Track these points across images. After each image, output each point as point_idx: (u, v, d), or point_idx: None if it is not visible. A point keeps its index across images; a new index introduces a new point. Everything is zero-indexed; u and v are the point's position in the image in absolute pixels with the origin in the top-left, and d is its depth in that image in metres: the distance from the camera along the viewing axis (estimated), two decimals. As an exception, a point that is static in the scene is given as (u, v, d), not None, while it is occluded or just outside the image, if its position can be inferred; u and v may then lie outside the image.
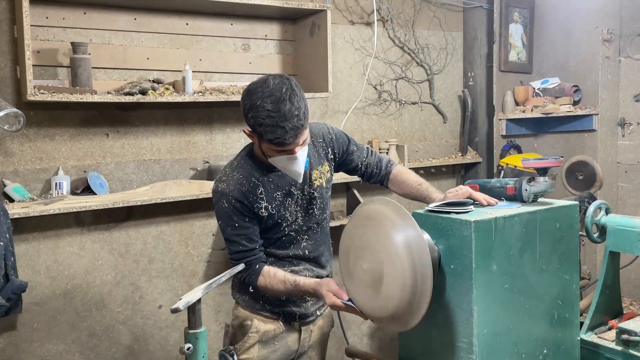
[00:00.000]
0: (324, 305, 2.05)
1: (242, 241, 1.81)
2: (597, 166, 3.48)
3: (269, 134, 1.64)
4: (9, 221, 2.19)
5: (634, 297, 3.45)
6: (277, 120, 1.61)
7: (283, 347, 1.96)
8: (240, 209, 1.78)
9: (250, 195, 1.79)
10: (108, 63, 2.60)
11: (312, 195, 1.90)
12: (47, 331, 2.50)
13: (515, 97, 3.75)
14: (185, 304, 1.44)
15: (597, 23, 3.54)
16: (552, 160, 1.74)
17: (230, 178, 1.81)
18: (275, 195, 1.83)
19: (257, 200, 1.80)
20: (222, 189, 1.80)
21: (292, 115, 1.62)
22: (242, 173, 1.81)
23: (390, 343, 3.51)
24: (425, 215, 1.63)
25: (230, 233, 1.82)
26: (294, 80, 1.71)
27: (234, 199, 1.77)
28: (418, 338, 1.69)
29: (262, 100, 1.63)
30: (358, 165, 2.03)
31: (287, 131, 1.62)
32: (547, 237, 1.67)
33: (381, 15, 3.41)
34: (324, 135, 1.97)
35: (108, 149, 2.63)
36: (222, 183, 1.81)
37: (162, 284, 2.78)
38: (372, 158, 2.04)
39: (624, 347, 1.86)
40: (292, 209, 1.87)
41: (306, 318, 1.99)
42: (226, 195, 1.78)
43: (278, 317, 1.94)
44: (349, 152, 2.02)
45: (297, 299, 1.94)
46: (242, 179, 1.80)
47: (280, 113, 1.61)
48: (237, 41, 2.95)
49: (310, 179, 1.89)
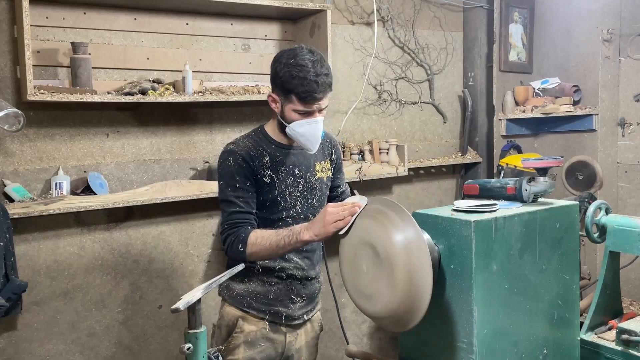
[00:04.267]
0: (312, 309, 2.06)
1: (239, 202, 1.83)
2: (597, 166, 3.48)
3: (301, 87, 1.75)
4: (9, 221, 2.19)
5: (634, 297, 3.45)
6: (310, 74, 1.75)
7: (269, 349, 1.96)
8: (245, 170, 1.84)
9: (257, 160, 1.86)
10: (108, 63, 2.60)
11: (313, 185, 1.96)
12: (47, 331, 2.50)
13: (515, 97, 3.75)
14: (185, 304, 1.44)
15: (597, 23, 3.54)
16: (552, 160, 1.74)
17: (240, 142, 1.90)
18: (279, 169, 1.89)
19: (263, 167, 1.86)
20: (231, 148, 1.87)
21: (323, 73, 1.77)
22: (252, 142, 1.89)
23: (390, 343, 3.51)
24: (425, 215, 1.63)
25: (229, 193, 1.84)
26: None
27: (241, 157, 1.84)
28: (418, 338, 1.69)
29: (296, 59, 1.77)
30: (339, 186, 2.14)
31: (319, 84, 1.76)
32: (547, 237, 1.67)
33: (381, 15, 3.41)
34: (331, 139, 2.10)
35: (108, 149, 2.63)
36: (232, 144, 1.89)
37: (162, 284, 2.78)
38: (347, 190, 2.18)
39: (624, 347, 1.86)
40: (292, 190, 1.91)
41: (292, 320, 1.98)
42: (234, 154, 1.85)
43: (264, 317, 1.95)
44: (339, 170, 2.14)
45: (285, 299, 1.94)
46: (251, 146, 1.88)
47: (315, 69, 1.76)
48: (237, 41, 2.95)
49: (314, 168, 1.96)
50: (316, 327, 2.11)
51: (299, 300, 1.97)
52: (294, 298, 1.96)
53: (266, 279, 1.94)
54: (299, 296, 1.97)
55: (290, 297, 1.95)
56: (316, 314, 2.10)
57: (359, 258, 1.61)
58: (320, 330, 2.14)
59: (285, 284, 1.95)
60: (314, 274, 2.01)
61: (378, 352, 3.44)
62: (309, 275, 1.99)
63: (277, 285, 1.94)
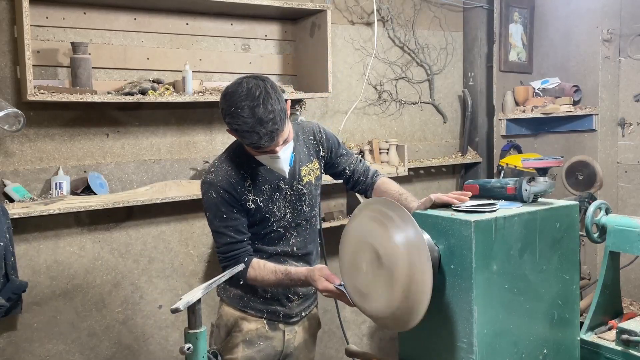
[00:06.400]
0: (309, 306, 2.06)
1: (230, 232, 1.82)
2: (597, 166, 3.48)
3: (246, 139, 1.69)
4: (9, 221, 2.19)
5: (634, 297, 3.45)
6: (252, 126, 1.64)
7: (268, 348, 1.96)
8: (229, 200, 1.80)
9: (239, 187, 1.80)
10: (108, 63, 2.60)
11: (301, 192, 1.92)
12: (47, 331, 2.50)
13: (515, 97, 3.75)
14: (185, 304, 1.44)
15: (597, 23, 3.53)
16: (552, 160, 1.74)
17: (218, 169, 1.83)
18: (263, 188, 1.84)
19: (245, 192, 1.81)
20: (210, 180, 1.81)
21: (267, 119, 1.64)
22: (231, 165, 1.83)
23: (390, 343, 3.52)
24: (425, 215, 1.63)
25: (218, 225, 1.82)
26: (269, 81, 1.71)
27: (222, 189, 1.79)
28: (418, 338, 1.69)
29: (236, 106, 1.65)
30: (345, 169, 2.05)
31: (262, 136, 1.65)
32: (547, 237, 1.67)
33: (381, 15, 3.42)
34: (315, 133, 1.99)
35: (108, 149, 2.63)
36: (211, 174, 1.83)
37: (162, 284, 2.78)
38: (360, 165, 2.07)
39: (624, 347, 1.86)
40: (280, 204, 1.88)
41: (290, 319, 1.99)
42: (214, 186, 1.80)
43: (262, 316, 1.95)
44: (338, 155, 2.04)
45: (282, 298, 1.94)
46: (231, 171, 1.81)
47: (255, 118, 1.63)
48: (237, 41, 2.95)
49: (299, 175, 1.91)
50: (314, 323, 2.11)
51: (295, 298, 1.97)
52: (291, 297, 1.96)
53: None
54: (295, 294, 1.97)
55: (287, 296, 1.95)
56: (313, 310, 2.10)
57: (359, 257, 1.61)
58: (318, 327, 2.14)
59: None
60: None
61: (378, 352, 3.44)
62: None
63: None
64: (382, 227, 1.54)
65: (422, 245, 1.46)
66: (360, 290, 1.62)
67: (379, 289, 1.54)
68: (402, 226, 1.49)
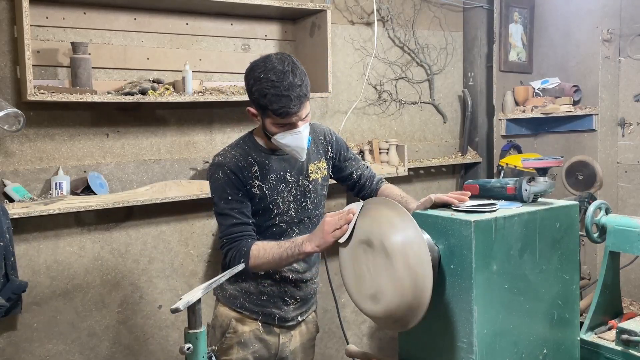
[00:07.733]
0: (307, 311, 2.05)
1: (235, 214, 1.82)
2: (597, 166, 3.48)
3: (274, 104, 1.69)
4: (9, 221, 2.19)
5: (634, 297, 3.45)
6: (282, 90, 1.68)
7: (262, 350, 1.95)
8: (235, 182, 1.81)
9: (245, 171, 1.82)
10: (108, 63, 2.60)
11: (307, 188, 1.93)
12: (47, 331, 2.50)
13: (515, 97, 3.75)
14: (185, 304, 1.44)
15: (597, 23, 3.53)
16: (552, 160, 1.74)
17: (227, 153, 1.86)
18: (269, 177, 1.85)
19: (252, 177, 1.83)
20: (218, 161, 1.84)
21: (296, 84, 1.69)
22: (240, 152, 1.86)
23: (390, 343, 3.51)
24: (425, 215, 1.63)
25: (223, 206, 1.83)
26: (294, 57, 1.77)
27: (229, 170, 1.81)
28: (418, 338, 1.69)
29: (266, 73, 1.69)
30: (352, 173, 2.07)
31: (292, 99, 1.69)
32: (547, 237, 1.67)
33: (381, 15, 3.41)
34: (325, 134, 2.02)
35: (108, 149, 2.63)
36: (219, 156, 1.86)
37: (162, 284, 2.78)
38: (367, 171, 2.10)
39: (624, 347, 1.86)
40: (285, 197, 1.88)
41: (286, 322, 1.98)
42: (222, 166, 1.82)
43: (257, 318, 1.94)
44: (346, 159, 2.07)
45: (278, 301, 1.94)
46: (239, 156, 1.84)
47: (285, 83, 1.68)
48: (237, 41, 2.95)
49: (307, 171, 1.92)
50: (311, 328, 2.10)
51: (292, 302, 1.97)
52: (287, 300, 1.96)
53: (260, 281, 1.93)
54: (292, 298, 1.97)
55: (283, 299, 1.95)
56: (311, 315, 2.09)
57: (358, 262, 1.59)
58: (316, 332, 2.14)
59: (278, 286, 1.94)
60: (309, 276, 2.00)
61: (378, 352, 3.44)
62: (304, 277, 1.98)
63: (271, 287, 1.94)
64: (382, 227, 1.54)
65: (422, 245, 1.45)
66: (369, 293, 1.58)
67: (382, 284, 1.52)
68: (401, 226, 1.49)
